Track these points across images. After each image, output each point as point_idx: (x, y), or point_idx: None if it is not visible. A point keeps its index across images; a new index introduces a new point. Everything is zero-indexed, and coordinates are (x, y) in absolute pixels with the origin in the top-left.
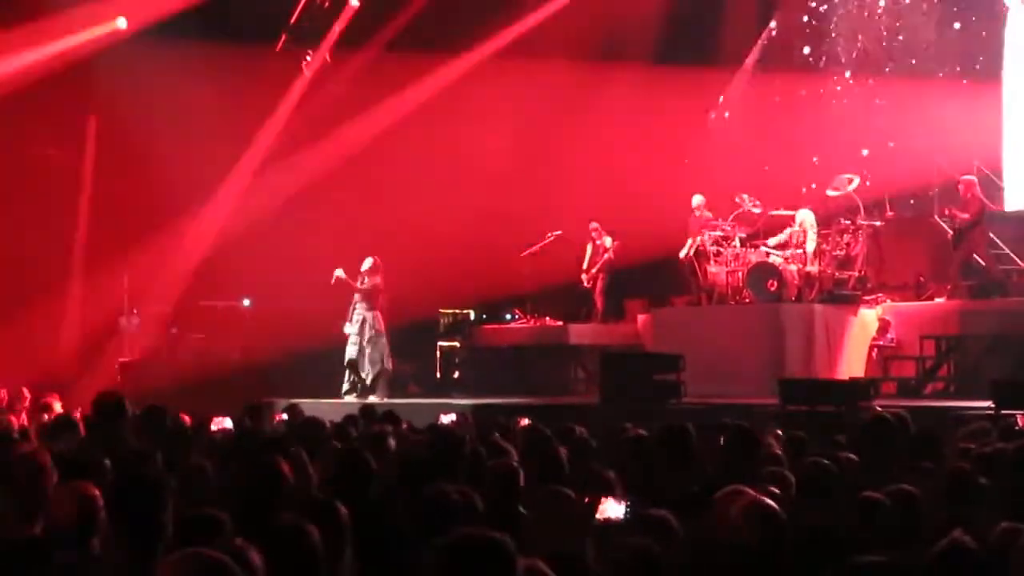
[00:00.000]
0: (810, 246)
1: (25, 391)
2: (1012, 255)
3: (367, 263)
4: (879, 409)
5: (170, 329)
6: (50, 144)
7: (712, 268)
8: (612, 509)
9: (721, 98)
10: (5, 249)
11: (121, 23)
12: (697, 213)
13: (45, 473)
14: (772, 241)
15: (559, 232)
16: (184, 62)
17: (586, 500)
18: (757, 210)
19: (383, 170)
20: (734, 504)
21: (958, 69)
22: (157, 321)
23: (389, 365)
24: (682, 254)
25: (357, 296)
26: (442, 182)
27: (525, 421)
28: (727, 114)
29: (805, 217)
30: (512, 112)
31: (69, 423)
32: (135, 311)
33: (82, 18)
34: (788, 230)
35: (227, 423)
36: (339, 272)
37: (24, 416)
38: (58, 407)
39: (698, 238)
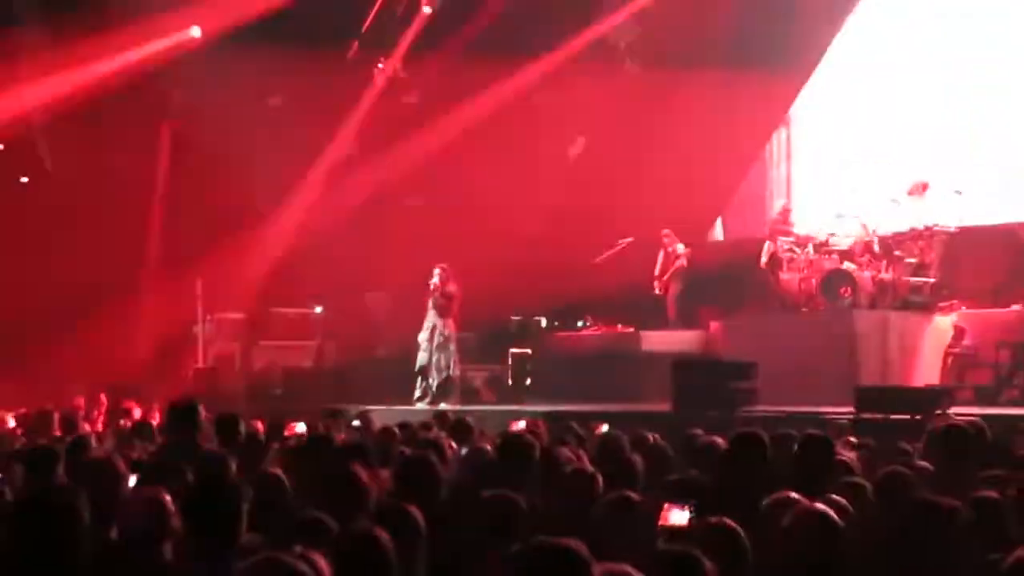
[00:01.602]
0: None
1: (103, 398)
2: None
3: (436, 274)
4: (955, 417)
5: (243, 336)
6: (124, 152)
7: (785, 275)
8: (676, 516)
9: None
10: (80, 257)
11: (195, 32)
12: (775, 218)
13: (120, 478)
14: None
15: (631, 239)
16: (257, 70)
17: (651, 506)
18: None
19: (455, 176)
20: (786, 512)
21: None
22: (230, 327)
23: (456, 372)
24: (763, 260)
25: (430, 303)
26: (515, 188)
27: (604, 427)
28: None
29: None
30: (586, 117)
31: (146, 429)
32: (209, 317)
33: (156, 27)
34: (854, 237)
35: (302, 428)
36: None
37: (101, 422)
38: (136, 413)
39: (776, 243)
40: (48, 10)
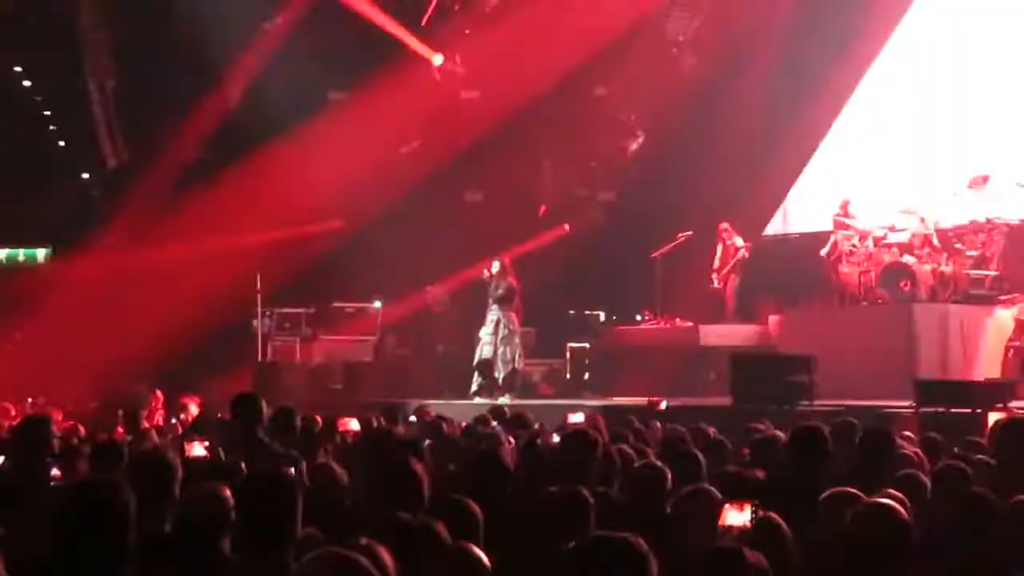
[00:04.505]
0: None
1: (158, 393)
2: None
3: (495, 267)
4: (1016, 411)
5: (303, 330)
6: (185, 144)
7: (844, 268)
8: (734, 516)
9: None
10: (138, 251)
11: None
12: (839, 212)
13: (171, 471)
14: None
15: (690, 232)
16: (316, 63)
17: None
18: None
19: (513, 170)
20: (846, 507)
21: None
22: (290, 322)
23: (521, 365)
24: (823, 252)
25: (491, 298)
26: (573, 182)
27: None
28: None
29: (926, 215)
30: (642, 109)
31: (205, 424)
32: (268, 312)
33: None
34: (911, 230)
35: (354, 424)
36: (486, 274)
37: (159, 418)
38: (194, 409)
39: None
40: None
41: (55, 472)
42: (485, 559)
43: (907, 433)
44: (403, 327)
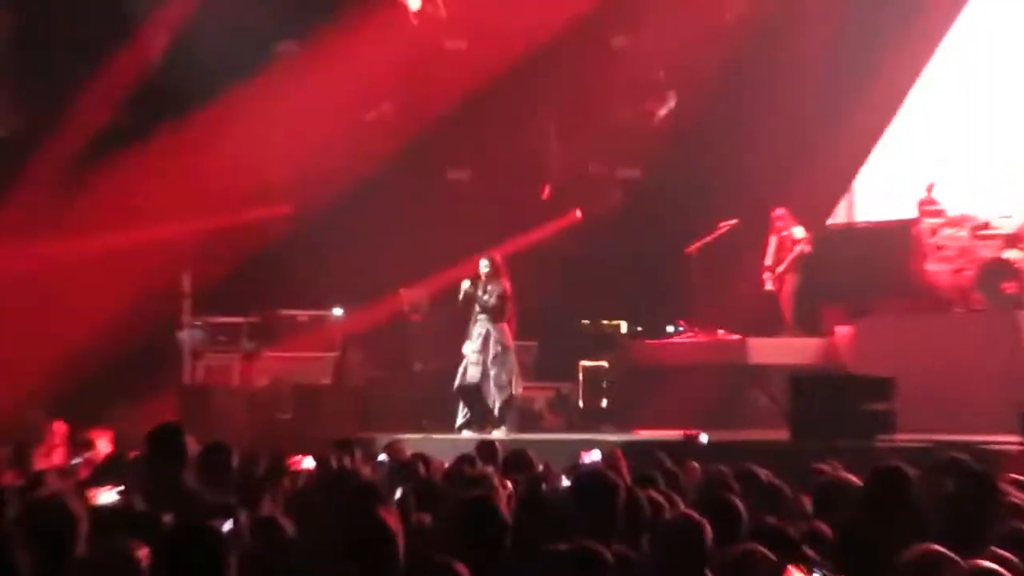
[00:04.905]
0: None
1: (57, 425)
2: None
3: (484, 266)
4: None
5: (243, 345)
6: (92, 108)
7: (932, 266)
8: None
9: None
10: (37, 245)
11: None
12: (924, 198)
13: (73, 525)
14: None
15: (735, 221)
16: (262, 6)
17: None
18: None
19: (510, 142)
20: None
21: None
22: (226, 334)
23: (519, 390)
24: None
25: (478, 306)
26: (585, 156)
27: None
28: None
29: None
30: (673, 65)
31: (118, 465)
32: (198, 322)
33: None
34: (1018, 218)
35: (309, 464)
36: (467, 285)
37: (58, 456)
38: (103, 445)
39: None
40: None
41: None
42: None
43: (1015, 476)
44: (370, 341)
